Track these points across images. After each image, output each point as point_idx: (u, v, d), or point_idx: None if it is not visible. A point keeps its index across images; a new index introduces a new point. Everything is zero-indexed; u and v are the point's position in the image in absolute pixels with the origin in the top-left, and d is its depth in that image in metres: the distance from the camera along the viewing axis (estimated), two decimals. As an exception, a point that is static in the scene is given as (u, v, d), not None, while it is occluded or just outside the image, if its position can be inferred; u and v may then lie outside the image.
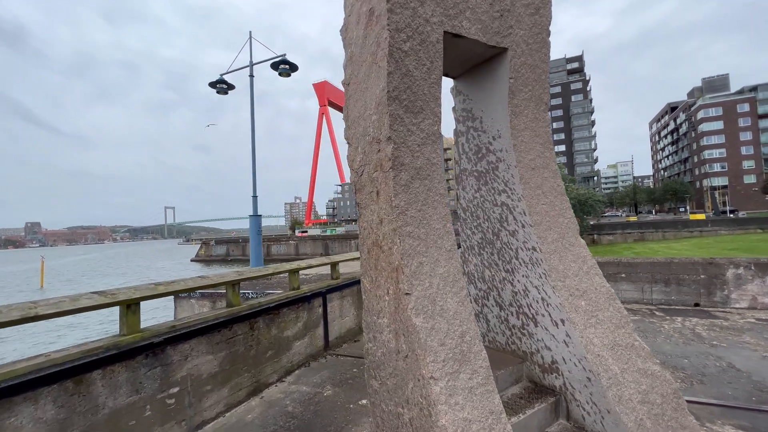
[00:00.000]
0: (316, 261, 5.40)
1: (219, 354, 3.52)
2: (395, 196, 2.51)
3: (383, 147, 2.57)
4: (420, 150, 2.66)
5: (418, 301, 2.41)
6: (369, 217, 2.76)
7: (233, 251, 57.85)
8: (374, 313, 2.76)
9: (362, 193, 2.83)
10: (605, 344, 2.70)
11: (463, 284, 2.63)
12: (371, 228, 2.74)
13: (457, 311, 2.54)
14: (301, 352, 4.71)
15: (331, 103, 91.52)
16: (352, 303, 6.08)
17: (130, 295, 2.90)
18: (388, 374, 2.65)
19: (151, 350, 2.93)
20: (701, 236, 35.11)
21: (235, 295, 3.92)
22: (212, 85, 8.35)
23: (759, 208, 66.19)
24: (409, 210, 2.56)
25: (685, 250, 24.98)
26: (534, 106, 3.29)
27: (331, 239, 55.88)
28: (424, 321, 2.38)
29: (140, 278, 36.99)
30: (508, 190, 3.21)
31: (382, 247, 2.63)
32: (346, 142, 2.97)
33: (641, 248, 29.47)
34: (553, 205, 3.16)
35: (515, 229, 3.17)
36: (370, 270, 2.79)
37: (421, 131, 2.67)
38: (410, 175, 2.60)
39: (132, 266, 55.85)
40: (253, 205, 7.94)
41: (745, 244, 25.16)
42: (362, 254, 2.88)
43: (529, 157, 3.19)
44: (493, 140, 3.33)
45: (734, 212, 58.33)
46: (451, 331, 2.46)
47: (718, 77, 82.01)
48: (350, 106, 2.95)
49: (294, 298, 4.66)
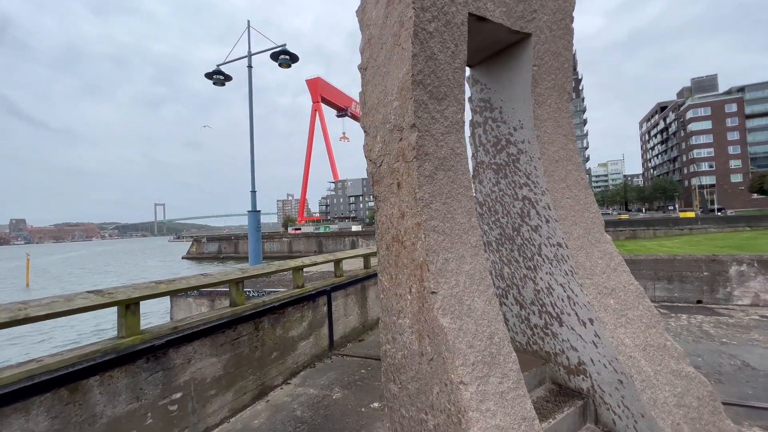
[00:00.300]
0: (321, 258, 5.21)
1: (223, 356, 3.32)
2: (419, 187, 2.34)
3: (406, 135, 2.40)
4: (444, 139, 2.50)
5: (445, 301, 2.25)
6: (388, 210, 2.58)
7: (225, 248, 57.18)
8: (394, 312, 2.60)
9: (381, 185, 2.65)
10: (637, 345, 2.57)
11: (490, 282, 2.48)
12: (391, 222, 2.57)
13: (485, 311, 2.39)
14: (306, 352, 4.52)
15: (324, 100, 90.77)
16: (356, 302, 5.91)
17: (130, 294, 2.68)
18: (410, 378, 2.49)
19: (152, 353, 2.73)
20: (691, 234, 35.64)
21: (239, 294, 3.72)
22: (209, 76, 8.04)
23: (745, 207, 67.56)
24: (433, 203, 2.39)
25: (676, 247, 25.28)
26: (557, 96, 3.14)
27: (325, 236, 55.55)
28: (451, 322, 2.22)
29: (131, 277, 36.33)
30: (531, 184, 3.06)
31: (403, 243, 2.46)
32: (363, 131, 2.79)
33: (633, 246, 29.76)
34: (578, 199, 3.03)
35: (538, 224, 3.02)
36: (389, 267, 2.62)
37: (445, 119, 2.51)
38: (434, 165, 2.43)
39: (122, 264, 54.86)
40: (252, 201, 7.68)
41: (736, 242, 25.57)
42: (380, 250, 2.71)
43: (552, 149, 3.05)
44: (514, 131, 3.18)
45: (722, 210, 59.46)
46: (479, 332, 2.30)
47: (707, 77, 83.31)
48: (368, 92, 2.76)
49: (298, 296, 4.47)
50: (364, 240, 51.43)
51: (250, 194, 7.63)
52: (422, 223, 2.32)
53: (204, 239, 61.06)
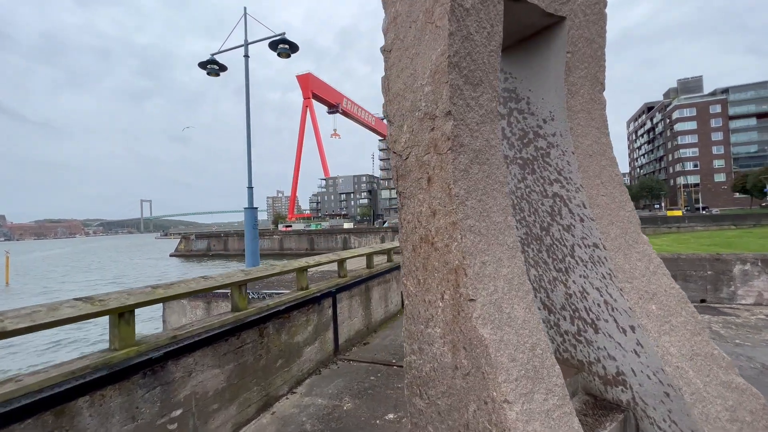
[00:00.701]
0: (325, 258, 4.94)
1: (226, 367, 3.04)
2: (455, 182, 2.10)
3: (440, 124, 2.15)
4: (479, 129, 2.26)
5: (484, 309, 2.02)
6: (416, 208, 2.34)
7: (215, 246, 56.20)
8: (421, 321, 2.35)
9: (407, 180, 2.40)
10: (683, 354, 2.38)
11: (529, 287, 2.26)
12: (419, 221, 2.32)
13: (526, 319, 2.16)
14: (311, 358, 4.26)
15: (315, 96, 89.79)
16: (360, 303, 5.66)
17: (123, 301, 2.38)
18: (440, 393, 2.25)
19: (149, 367, 2.43)
20: (679, 232, 36.26)
21: (241, 298, 3.43)
22: (202, 66, 7.62)
23: (727, 206, 69.28)
24: (468, 200, 2.15)
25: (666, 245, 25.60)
26: (590, 86, 2.93)
27: (316, 234, 55.04)
28: (492, 332, 1.99)
29: (117, 274, 35.35)
30: (562, 180, 2.85)
31: (434, 244, 2.22)
32: (386, 120, 2.53)
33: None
34: (613, 196, 2.82)
35: (571, 223, 2.81)
36: (415, 271, 2.38)
37: (480, 107, 2.26)
38: (469, 158, 2.19)
39: (108, 261, 53.45)
40: (249, 197, 7.30)
41: (722, 240, 26.02)
42: (405, 252, 2.46)
43: (586, 143, 2.83)
44: (544, 123, 2.95)
45: (706, 209, 60.81)
46: (521, 344, 2.08)
47: (693, 79, 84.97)
48: (392, 77, 2.50)
49: (304, 299, 4.20)
50: (356, 237, 51.08)
51: (247, 190, 7.27)
52: (458, 222, 2.07)
53: (192, 236, 59.92)
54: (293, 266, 4.23)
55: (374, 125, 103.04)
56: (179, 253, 57.13)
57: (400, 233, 2.51)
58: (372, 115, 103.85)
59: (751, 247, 18.96)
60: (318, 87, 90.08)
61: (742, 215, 38.89)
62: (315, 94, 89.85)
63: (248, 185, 7.31)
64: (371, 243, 49.33)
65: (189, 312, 5.56)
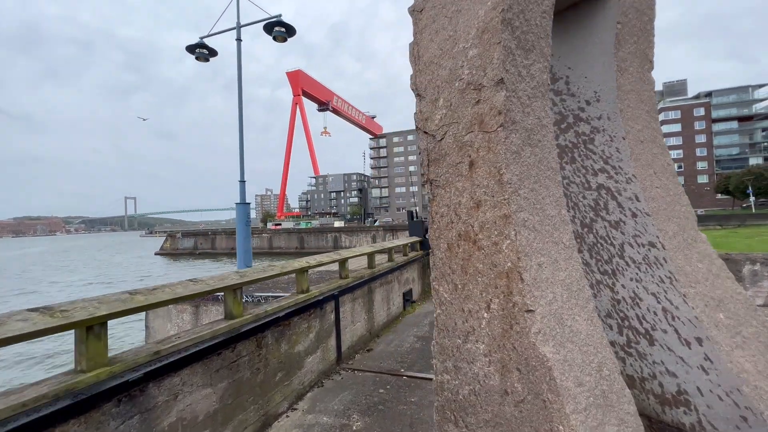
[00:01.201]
0: (327, 258, 4.51)
1: (219, 385, 2.60)
2: (507, 167, 1.72)
3: (488, 95, 1.76)
4: (530, 105, 1.88)
5: (545, 322, 1.65)
6: (452, 198, 1.95)
7: (202, 244, 54.95)
8: (458, 334, 1.97)
9: (441, 166, 2.00)
10: (760, 371, 2.06)
11: (590, 294, 1.89)
12: (456, 214, 1.93)
13: (589, 333, 1.80)
14: (313, 369, 3.84)
15: (305, 93, 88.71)
16: (363, 306, 5.25)
17: (92, 311, 1.93)
18: (484, 422, 1.87)
19: (125, 392, 1.99)
20: (666, 232, 36.80)
21: (236, 304, 2.99)
22: (191, 50, 7.04)
23: (710, 206, 70.97)
24: (521, 189, 1.77)
25: (656, 245, 25.86)
26: (639, 64, 2.59)
27: (306, 232, 54.30)
28: (554, 351, 1.62)
29: (98, 274, 34.12)
30: (609, 169, 2.49)
31: (478, 242, 1.83)
32: (414, 94, 2.13)
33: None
34: (668, 189, 2.48)
35: (620, 219, 2.46)
36: (451, 274, 1.99)
37: (531, 78, 1.89)
38: (521, 138, 1.81)
39: (89, 260, 51.73)
40: (240, 191, 6.77)
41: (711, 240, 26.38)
42: (436, 251, 2.07)
43: (636, 127, 2.49)
44: (587, 105, 2.60)
45: (691, 210, 62.06)
46: (586, 364, 1.71)
47: (678, 82, 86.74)
48: (424, 41, 2.10)
49: (305, 303, 3.77)
50: (347, 236, 50.52)
51: (239, 184, 6.74)
52: (511, 215, 1.69)
53: (178, 234, 58.49)
54: (293, 267, 3.80)
55: (365, 123, 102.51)
56: (165, 252, 55.69)
57: (431, 229, 2.12)
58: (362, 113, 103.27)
59: (738, 247, 19.19)
60: (308, 84, 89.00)
61: (726, 216, 39.77)
62: (305, 92, 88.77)
63: (240, 179, 6.79)
64: (362, 242, 48.83)
65: (175, 317, 5.07)
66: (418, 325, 6.27)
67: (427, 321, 6.49)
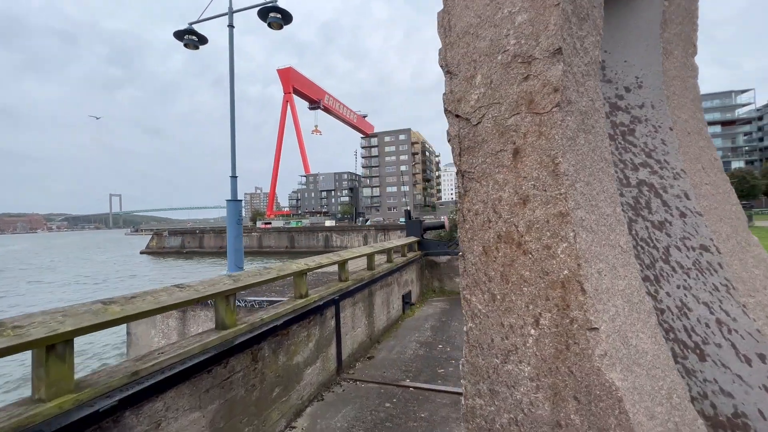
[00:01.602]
0: (326, 260, 4.19)
1: (209, 407, 2.27)
2: (563, 155, 1.43)
3: (540, 69, 1.47)
4: (584, 83, 1.60)
5: (610, 342, 1.37)
6: (491, 193, 1.66)
7: (189, 243, 53.81)
8: (496, 352, 1.68)
9: (476, 155, 1.71)
10: (832, 392, 1.82)
11: (651, 307, 1.63)
12: (495, 212, 1.64)
13: (656, 354, 1.53)
14: (312, 381, 3.51)
15: (296, 91, 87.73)
16: (363, 310, 4.93)
17: (55, 327, 1.59)
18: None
19: (95, 425, 1.65)
20: (654, 233, 37.34)
21: (229, 313, 2.65)
22: (178, 36, 6.58)
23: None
24: (577, 182, 1.49)
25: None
26: (683, 47, 2.34)
27: (297, 231, 53.61)
28: (622, 377, 1.34)
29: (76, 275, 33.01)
30: (653, 163, 2.24)
31: (523, 245, 1.54)
32: (444, 71, 1.83)
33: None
34: (717, 186, 2.24)
35: (665, 219, 2.20)
36: (488, 282, 1.70)
37: (585, 52, 1.61)
38: (576, 123, 1.53)
39: (70, 260, 50.14)
40: (232, 187, 6.34)
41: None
42: (468, 254, 1.78)
43: (683, 117, 2.24)
44: (626, 92, 2.34)
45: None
46: (656, 391, 1.44)
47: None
48: (457, 8, 1.79)
49: (304, 309, 3.45)
50: (338, 235, 50.01)
51: (230, 180, 6.30)
52: (569, 213, 1.41)
53: (165, 233, 57.19)
54: (291, 269, 3.47)
55: (356, 122, 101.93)
56: (151, 251, 54.38)
57: (461, 229, 1.83)
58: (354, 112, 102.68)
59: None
60: (299, 82, 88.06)
61: (711, 217, 40.45)
62: (296, 89, 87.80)
63: (231, 174, 6.38)
64: (353, 241, 48.40)
65: (160, 323, 4.67)
66: (419, 329, 5.98)
67: (428, 325, 6.21)
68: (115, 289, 23.50)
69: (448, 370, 4.28)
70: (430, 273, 9.25)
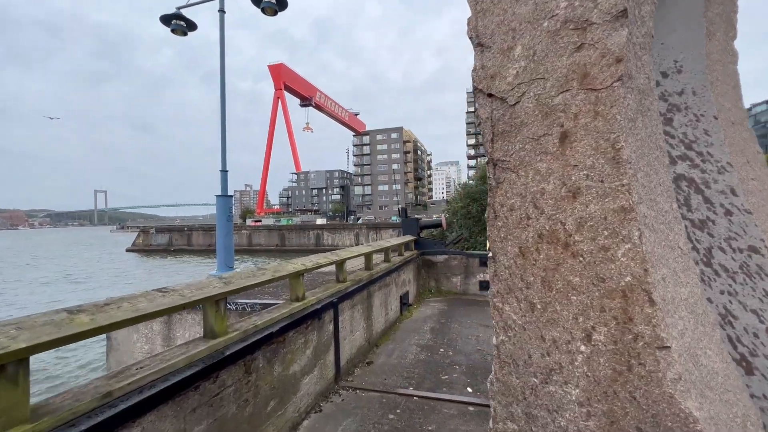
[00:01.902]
0: (324, 260, 3.92)
1: (196, 429, 1.99)
2: (625, 139, 1.20)
3: (599, 37, 1.24)
4: (641, 57, 1.37)
5: (683, 362, 1.14)
6: (530, 185, 1.42)
7: (177, 240, 52.72)
8: (534, 370, 1.44)
9: (513, 139, 1.47)
10: None
11: (715, 318, 1.42)
12: (537, 207, 1.41)
13: (726, 374, 1.32)
14: (310, 391, 3.25)
15: (287, 88, 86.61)
16: (362, 313, 4.68)
17: (5, 344, 1.30)
18: (574, 496, 1.35)
19: (55, 462, 1.35)
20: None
21: (219, 319, 2.38)
22: (165, 22, 6.17)
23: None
24: (639, 172, 1.27)
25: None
26: (724, 30, 2.14)
27: (288, 229, 52.98)
28: (698, 405, 1.12)
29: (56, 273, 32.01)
30: (694, 156, 2.03)
31: (572, 246, 1.31)
32: (474, 43, 1.58)
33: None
34: (763, 182, 2.04)
35: (707, 217, 2.00)
36: (524, 288, 1.46)
37: (642, 22, 1.38)
38: (636, 102, 1.31)
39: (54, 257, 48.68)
40: (222, 182, 5.96)
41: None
42: (500, 256, 1.54)
43: (726, 106, 2.03)
44: (663, 78, 2.12)
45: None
46: (731, 419, 1.23)
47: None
48: (491, -31, 1.55)
49: (301, 314, 3.18)
50: (330, 234, 49.53)
51: (220, 174, 5.94)
52: (632, 208, 1.19)
53: (152, 230, 55.94)
54: (287, 270, 3.19)
55: (348, 120, 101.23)
56: (137, 248, 53.14)
57: (492, 227, 1.59)
58: (346, 110, 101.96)
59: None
60: (290, 78, 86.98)
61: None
62: (287, 86, 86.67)
63: (221, 167, 6.03)
64: (345, 240, 48.00)
65: (143, 326, 4.35)
66: (418, 331, 5.75)
67: (427, 327, 5.99)
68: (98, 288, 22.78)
69: (452, 376, 4.05)
70: (427, 273, 9.04)
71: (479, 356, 4.64)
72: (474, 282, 8.67)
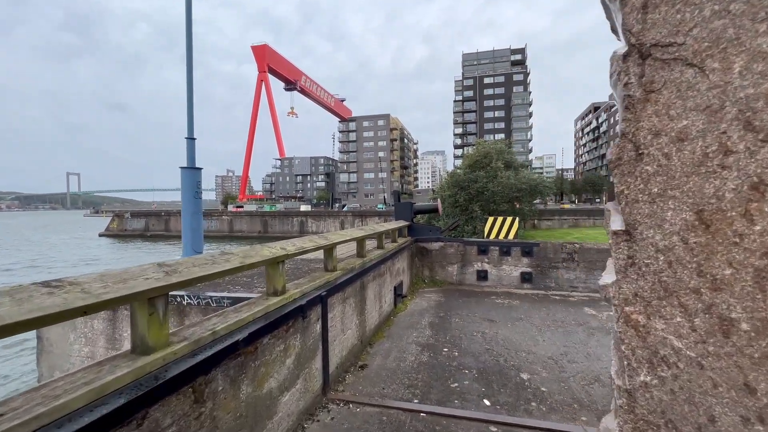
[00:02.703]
0: (310, 244, 3.16)
1: (104, 506, 1.22)
2: None
3: None
4: None
5: None
6: (733, 88, 0.72)
7: (154, 225, 50.60)
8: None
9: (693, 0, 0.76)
10: None
11: None
12: (746, 128, 0.72)
13: None
14: (291, 411, 2.53)
15: (271, 70, 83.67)
16: (354, 308, 3.96)
17: None
18: None
19: None
20: (625, 224, 38.40)
21: (154, 326, 1.61)
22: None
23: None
24: None
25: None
26: None
27: (271, 216, 51.57)
28: None
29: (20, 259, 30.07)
30: None
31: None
32: None
33: (579, 234, 31.08)
34: None
35: None
36: (703, 288, 0.77)
37: None
38: None
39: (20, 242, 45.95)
40: (188, 151, 5.02)
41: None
42: (646, 231, 0.84)
43: None
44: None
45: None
46: None
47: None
48: None
49: (281, 312, 2.43)
50: (314, 221, 48.43)
51: (186, 142, 4.99)
52: None
53: (127, 214, 53.48)
54: (263, 256, 2.43)
55: (334, 106, 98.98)
56: (111, 233, 50.76)
57: (627, 176, 0.86)
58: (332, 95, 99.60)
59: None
60: (275, 60, 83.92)
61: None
62: (271, 68, 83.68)
63: (188, 135, 5.09)
64: (330, 227, 47.03)
65: (81, 325, 3.52)
66: (416, 327, 5.10)
67: (425, 321, 5.34)
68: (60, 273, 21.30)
69: (463, 384, 3.41)
70: (420, 261, 8.39)
71: (490, 357, 4.02)
72: (471, 271, 8.07)
